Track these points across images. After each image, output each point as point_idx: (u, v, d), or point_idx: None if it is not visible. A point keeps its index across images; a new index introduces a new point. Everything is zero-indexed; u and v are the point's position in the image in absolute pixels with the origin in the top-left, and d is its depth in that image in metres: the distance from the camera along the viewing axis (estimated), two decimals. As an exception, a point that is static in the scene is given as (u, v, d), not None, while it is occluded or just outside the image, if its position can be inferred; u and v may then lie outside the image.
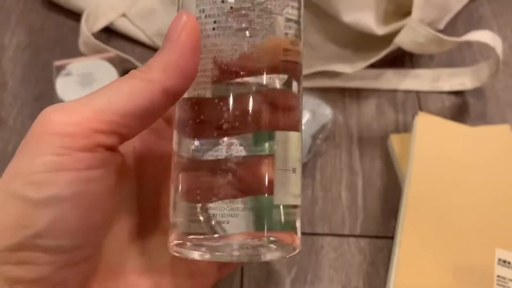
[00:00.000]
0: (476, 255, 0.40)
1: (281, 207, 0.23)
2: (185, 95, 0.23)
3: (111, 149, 0.20)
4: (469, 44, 0.57)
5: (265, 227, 0.23)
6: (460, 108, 0.53)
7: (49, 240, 0.19)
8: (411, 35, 0.48)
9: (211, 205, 0.22)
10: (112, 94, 0.20)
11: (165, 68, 0.20)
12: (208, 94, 0.23)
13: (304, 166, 0.48)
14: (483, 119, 0.52)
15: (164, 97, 0.20)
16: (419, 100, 0.54)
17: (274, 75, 0.23)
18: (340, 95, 0.54)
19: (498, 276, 0.39)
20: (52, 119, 0.19)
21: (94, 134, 0.19)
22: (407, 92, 0.54)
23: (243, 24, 0.22)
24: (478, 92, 0.54)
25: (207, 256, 0.23)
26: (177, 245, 0.23)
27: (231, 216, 0.22)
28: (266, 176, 0.23)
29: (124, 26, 0.58)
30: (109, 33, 0.58)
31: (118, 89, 0.20)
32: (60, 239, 0.19)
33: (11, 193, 0.19)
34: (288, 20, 0.24)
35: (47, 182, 0.19)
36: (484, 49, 0.57)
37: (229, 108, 0.22)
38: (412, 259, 0.40)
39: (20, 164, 0.19)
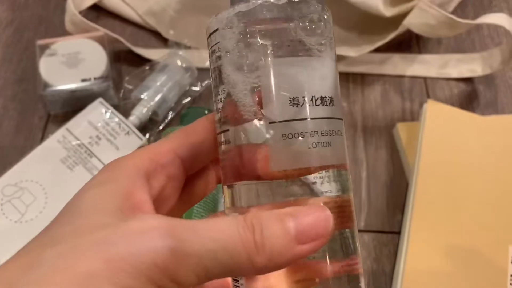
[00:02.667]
0: (488, 252, 0.38)
1: None
2: None
3: None
4: (478, 28, 0.54)
5: None
6: (470, 95, 0.51)
7: None
8: (422, 16, 0.45)
9: None
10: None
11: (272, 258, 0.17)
12: None
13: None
14: (493, 108, 0.49)
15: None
16: (427, 87, 0.51)
17: None
18: (344, 81, 0.51)
19: (511, 275, 0.37)
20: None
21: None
22: (414, 78, 0.51)
23: None
24: (488, 79, 0.51)
25: None
26: None
27: None
28: None
29: (114, 4, 0.54)
30: (97, 11, 0.54)
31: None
32: None
33: None
34: None
35: None
36: (494, 34, 0.54)
37: None
38: (420, 257, 0.38)
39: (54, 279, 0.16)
